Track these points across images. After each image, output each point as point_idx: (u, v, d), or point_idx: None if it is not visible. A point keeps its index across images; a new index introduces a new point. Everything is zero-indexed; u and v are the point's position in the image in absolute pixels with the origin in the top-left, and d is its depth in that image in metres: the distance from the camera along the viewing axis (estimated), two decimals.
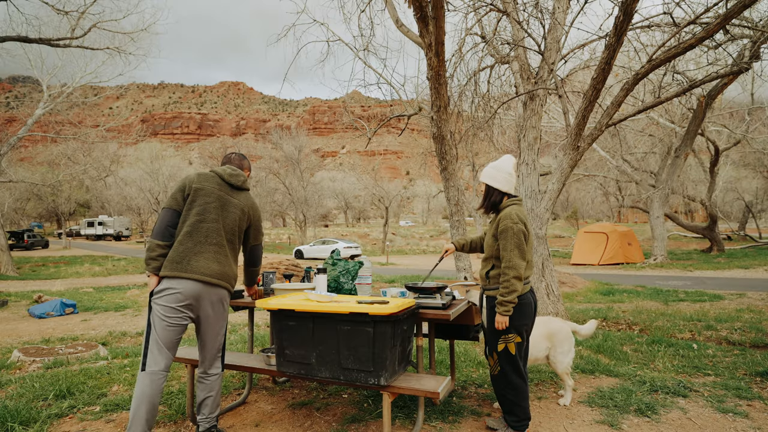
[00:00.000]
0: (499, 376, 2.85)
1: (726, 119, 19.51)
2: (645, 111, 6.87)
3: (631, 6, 4.29)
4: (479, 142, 11.06)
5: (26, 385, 3.79)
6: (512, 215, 2.75)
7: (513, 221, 2.73)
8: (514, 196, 2.92)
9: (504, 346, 2.79)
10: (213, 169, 2.89)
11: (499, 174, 2.89)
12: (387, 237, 33.20)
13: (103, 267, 20.86)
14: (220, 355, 2.87)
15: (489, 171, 2.93)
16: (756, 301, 8.55)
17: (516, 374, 2.82)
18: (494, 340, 2.83)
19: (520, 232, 2.72)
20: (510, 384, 2.82)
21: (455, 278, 5.54)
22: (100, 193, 46.13)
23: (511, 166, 2.93)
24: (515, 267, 2.68)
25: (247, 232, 2.94)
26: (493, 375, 2.89)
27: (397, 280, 12.99)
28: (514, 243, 2.70)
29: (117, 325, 7.91)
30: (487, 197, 2.93)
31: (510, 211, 2.78)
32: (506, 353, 2.81)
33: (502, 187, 2.88)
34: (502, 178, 2.88)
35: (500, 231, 2.76)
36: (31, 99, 22.88)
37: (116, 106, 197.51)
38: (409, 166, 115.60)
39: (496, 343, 2.82)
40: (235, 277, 2.85)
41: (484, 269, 2.92)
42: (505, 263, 2.71)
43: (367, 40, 6.81)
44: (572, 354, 3.49)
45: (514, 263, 2.69)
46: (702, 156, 22.13)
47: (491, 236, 2.85)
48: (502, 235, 2.75)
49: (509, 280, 2.68)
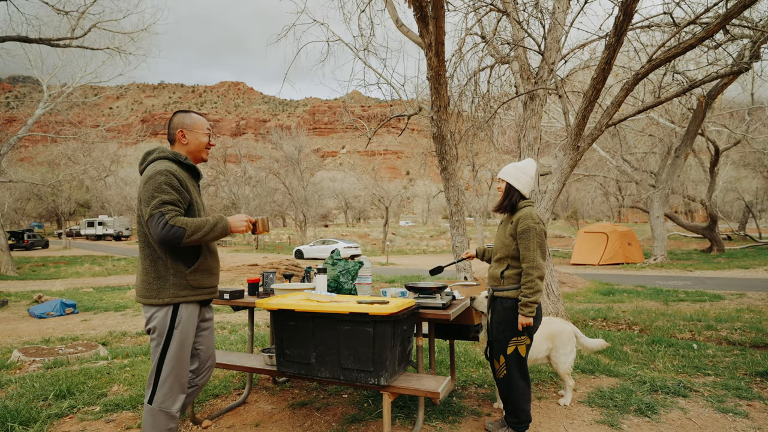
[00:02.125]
0: (504, 380, 2.83)
1: (726, 119, 19.51)
2: (645, 111, 6.87)
3: (631, 6, 4.29)
4: (479, 142, 11.07)
5: (26, 385, 3.79)
6: (533, 215, 2.75)
7: (535, 221, 2.72)
8: (527, 199, 2.92)
9: (514, 348, 2.78)
10: None
11: (523, 176, 2.87)
12: (387, 237, 33.19)
13: (103, 267, 20.86)
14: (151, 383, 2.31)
15: (513, 172, 2.89)
16: (756, 301, 8.55)
17: (521, 377, 2.82)
18: (505, 342, 2.81)
19: (542, 233, 2.72)
20: (515, 387, 2.80)
21: (455, 278, 5.54)
22: (100, 193, 46.17)
23: (534, 171, 2.93)
24: (539, 267, 2.67)
25: None
26: (498, 378, 2.87)
27: (397, 280, 12.99)
28: (537, 243, 2.69)
29: (117, 325, 7.90)
30: (507, 197, 2.89)
31: (530, 212, 2.77)
32: (516, 355, 2.79)
33: (522, 189, 2.86)
34: (525, 181, 2.86)
35: (521, 231, 2.73)
36: (31, 99, 22.89)
37: (116, 106, 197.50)
38: (409, 166, 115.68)
39: (506, 346, 2.80)
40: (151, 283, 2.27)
41: (498, 269, 2.87)
42: (528, 263, 2.69)
43: (367, 40, 6.81)
44: (573, 355, 3.48)
45: (538, 263, 2.67)
46: (702, 156, 22.13)
47: (508, 236, 2.82)
48: (523, 235, 2.72)
49: (533, 280, 2.67)
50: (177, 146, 2.44)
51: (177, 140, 2.44)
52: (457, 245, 5.80)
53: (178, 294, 2.29)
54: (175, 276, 2.29)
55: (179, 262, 2.31)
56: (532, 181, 2.90)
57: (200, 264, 2.37)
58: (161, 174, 2.22)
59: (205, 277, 2.40)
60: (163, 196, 2.18)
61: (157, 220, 2.16)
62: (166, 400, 2.29)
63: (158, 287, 2.27)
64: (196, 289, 2.36)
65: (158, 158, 2.35)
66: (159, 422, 2.27)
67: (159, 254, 2.28)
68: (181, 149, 2.44)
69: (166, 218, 2.16)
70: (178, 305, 2.31)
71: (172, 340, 2.29)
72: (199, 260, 2.37)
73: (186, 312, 2.33)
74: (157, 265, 2.28)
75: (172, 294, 2.28)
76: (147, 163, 2.37)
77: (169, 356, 2.29)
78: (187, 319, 2.34)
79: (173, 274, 2.29)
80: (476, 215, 30.24)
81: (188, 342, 2.36)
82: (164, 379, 2.29)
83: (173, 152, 2.39)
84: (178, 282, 2.29)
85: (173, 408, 2.31)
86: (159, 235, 2.16)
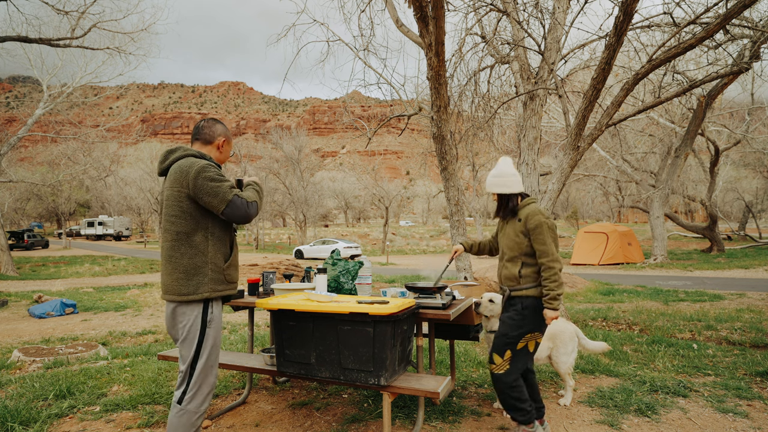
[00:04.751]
0: (503, 375, 2.77)
1: (726, 119, 19.52)
2: (645, 111, 6.87)
3: (631, 6, 4.29)
4: (479, 142, 11.07)
5: (26, 385, 3.79)
6: (541, 211, 2.74)
7: (544, 216, 2.71)
8: (526, 195, 2.88)
9: (525, 344, 2.76)
10: None
11: (506, 179, 2.83)
12: (387, 237, 33.19)
13: (103, 267, 20.85)
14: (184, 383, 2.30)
15: (494, 181, 2.85)
16: (756, 301, 8.55)
17: (521, 374, 2.81)
18: (518, 338, 2.76)
19: (553, 226, 2.73)
20: (512, 385, 2.76)
21: (455, 278, 5.54)
22: (100, 193, 46.21)
23: (511, 166, 2.87)
24: (558, 260, 2.68)
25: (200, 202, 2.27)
26: (497, 374, 2.79)
27: (397, 280, 12.99)
28: (551, 237, 2.69)
29: (117, 325, 7.90)
30: (503, 205, 2.87)
31: (536, 207, 2.76)
32: (525, 351, 2.78)
33: (513, 191, 2.82)
34: (511, 182, 2.82)
35: (533, 227, 2.70)
36: (31, 99, 22.90)
37: (116, 106, 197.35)
38: (409, 166, 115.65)
39: (518, 341, 2.75)
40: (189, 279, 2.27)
41: (514, 268, 2.80)
42: (547, 257, 2.67)
43: (367, 40, 6.81)
44: (575, 355, 3.48)
45: (557, 256, 2.68)
46: (702, 156, 22.12)
47: (518, 233, 2.77)
48: (536, 230, 2.70)
49: (556, 273, 2.65)
50: (210, 149, 2.50)
51: (216, 146, 2.51)
52: None
53: (215, 289, 2.32)
54: (213, 271, 2.32)
55: (218, 255, 2.35)
56: (516, 176, 2.84)
57: (233, 258, 2.42)
58: (209, 166, 2.30)
59: (234, 271, 2.45)
60: (224, 183, 2.27)
61: (239, 202, 2.27)
62: (196, 400, 2.28)
63: (197, 283, 2.28)
64: (229, 283, 2.40)
65: (187, 155, 2.38)
66: (188, 422, 2.26)
67: (200, 248, 2.30)
68: (214, 154, 2.51)
69: (243, 198, 2.29)
70: (209, 302, 2.33)
71: (206, 338, 2.31)
72: (232, 254, 2.42)
73: (216, 308, 2.37)
74: (195, 260, 2.29)
75: (210, 289, 2.30)
76: (172, 160, 2.39)
77: (202, 355, 2.30)
78: (217, 316, 2.37)
79: (211, 269, 2.32)
80: (476, 215, 30.25)
81: (219, 339, 2.39)
82: (197, 379, 2.28)
83: (199, 152, 2.42)
84: (215, 277, 2.33)
85: (203, 408, 2.31)
86: (246, 214, 2.29)
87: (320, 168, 70.59)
